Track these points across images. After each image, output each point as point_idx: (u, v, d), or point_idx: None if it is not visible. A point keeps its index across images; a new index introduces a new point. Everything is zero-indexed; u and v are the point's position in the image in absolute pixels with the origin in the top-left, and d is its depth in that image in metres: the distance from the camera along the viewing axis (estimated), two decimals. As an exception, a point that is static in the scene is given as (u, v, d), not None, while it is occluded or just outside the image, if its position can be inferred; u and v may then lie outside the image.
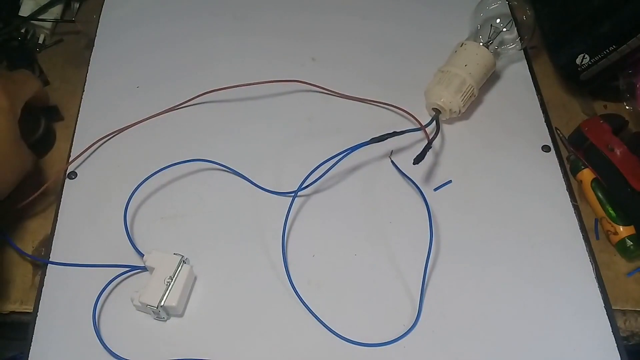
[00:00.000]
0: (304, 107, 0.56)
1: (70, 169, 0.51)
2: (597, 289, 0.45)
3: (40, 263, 0.46)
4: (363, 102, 0.56)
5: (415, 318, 0.44)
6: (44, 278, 0.45)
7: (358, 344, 0.42)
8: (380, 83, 0.58)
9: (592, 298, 0.45)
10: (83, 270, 0.45)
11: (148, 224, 0.48)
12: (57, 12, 0.62)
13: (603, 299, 0.45)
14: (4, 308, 0.45)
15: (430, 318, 0.44)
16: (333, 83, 0.57)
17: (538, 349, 0.43)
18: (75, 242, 0.47)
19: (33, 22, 0.60)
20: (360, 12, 0.65)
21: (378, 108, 0.56)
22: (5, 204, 0.48)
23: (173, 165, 0.49)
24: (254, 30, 0.63)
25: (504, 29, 0.57)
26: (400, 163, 0.51)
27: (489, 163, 0.53)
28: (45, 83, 0.58)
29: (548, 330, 0.44)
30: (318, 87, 0.57)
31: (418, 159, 0.47)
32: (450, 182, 0.51)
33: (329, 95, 0.57)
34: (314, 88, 0.57)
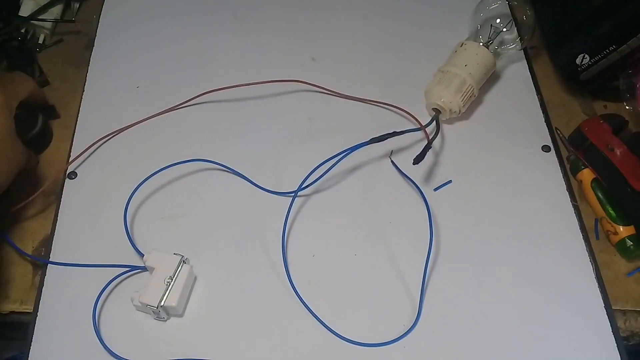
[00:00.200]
0: (304, 107, 0.56)
1: (70, 169, 0.51)
2: (597, 289, 0.45)
3: (40, 263, 0.46)
4: (363, 102, 0.56)
5: (415, 318, 0.44)
6: (44, 278, 0.45)
7: (358, 344, 0.42)
8: (380, 83, 0.58)
9: (592, 298, 0.45)
10: (83, 270, 0.45)
11: (148, 224, 0.48)
12: (57, 12, 0.62)
13: (603, 299, 0.45)
14: (4, 308, 0.45)
15: (430, 318, 0.44)
16: (333, 83, 0.57)
17: (538, 349, 0.43)
18: (75, 242, 0.47)
19: (33, 22, 0.60)
20: (360, 12, 0.65)
21: (378, 108, 0.56)
22: (5, 204, 0.48)
23: (173, 165, 0.49)
24: (254, 30, 0.63)
25: (504, 29, 0.57)
26: (400, 163, 0.51)
27: (489, 163, 0.53)
28: (45, 83, 0.58)
29: (548, 330, 0.44)
30: (318, 87, 0.57)
31: (418, 159, 0.47)
32: (450, 182, 0.51)
33: (329, 95, 0.57)
34: (314, 88, 0.57)
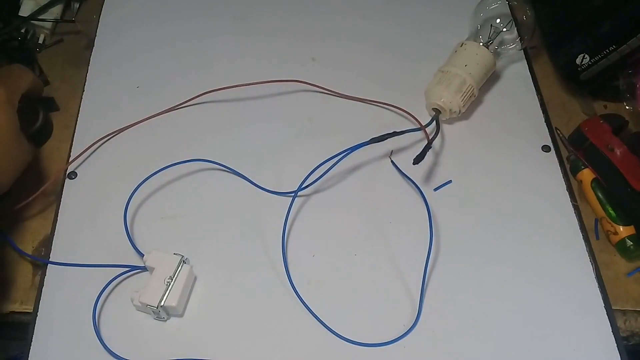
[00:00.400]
0: (304, 107, 0.56)
1: (70, 169, 0.51)
2: (597, 289, 0.45)
3: (40, 263, 0.46)
4: (363, 102, 0.56)
5: (415, 318, 0.44)
6: (44, 278, 0.45)
7: (358, 344, 0.42)
8: (380, 83, 0.58)
9: (592, 298, 0.45)
10: (83, 270, 0.45)
11: (148, 224, 0.48)
12: (57, 12, 0.62)
13: (603, 299, 0.45)
14: (4, 308, 0.45)
15: (430, 318, 0.44)
16: (333, 83, 0.57)
17: (538, 349, 0.43)
18: (75, 242, 0.47)
19: (33, 22, 0.60)
20: (360, 12, 0.65)
21: (378, 108, 0.56)
22: (5, 204, 0.48)
23: (173, 165, 0.49)
24: (254, 30, 0.63)
25: (504, 29, 0.57)
26: (400, 163, 0.51)
27: (489, 163, 0.53)
28: (45, 83, 0.58)
29: (548, 330, 0.44)
30: (318, 87, 0.57)
31: (418, 159, 0.47)
32: (450, 182, 0.51)
33: (329, 95, 0.57)
34: (314, 88, 0.57)
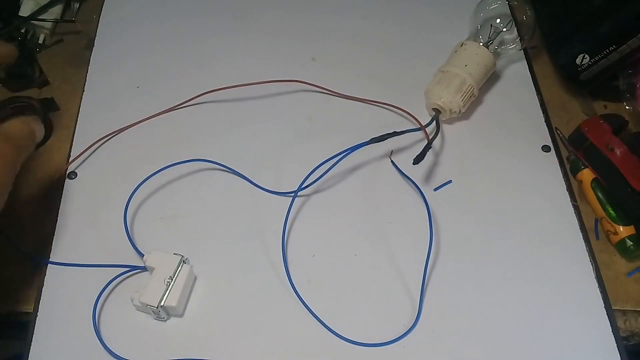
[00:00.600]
0: (304, 107, 0.56)
1: (70, 169, 0.51)
2: (597, 289, 0.45)
3: (41, 263, 0.46)
4: (363, 102, 0.56)
5: (415, 318, 0.44)
6: (44, 278, 0.45)
7: (358, 344, 0.42)
8: (380, 83, 0.58)
9: (592, 298, 0.45)
10: (83, 270, 0.45)
11: (148, 224, 0.48)
12: (57, 12, 0.62)
13: (603, 299, 0.45)
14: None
15: (430, 318, 0.44)
16: (333, 83, 0.57)
17: (538, 349, 0.43)
18: (75, 242, 0.47)
19: (33, 22, 0.60)
20: (360, 12, 0.65)
21: (378, 108, 0.56)
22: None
23: (173, 165, 0.49)
24: (254, 30, 0.63)
25: (504, 29, 0.57)
26: (400, 163, 0.51)
27: (489, 163, 0.53)
28: (45, 83, 0.58)
29: (548, 330, 0.44)
30: (318, 87, 0.57)
31: (418, 159, 0.47)
32: (450, 182, 0.51)
33: (329, 95, 0.57)
34: (314, 88, 0.57)
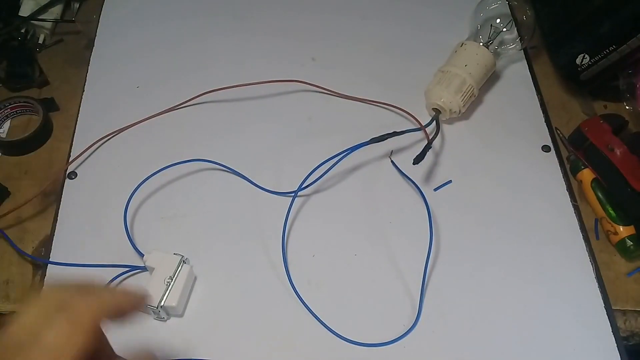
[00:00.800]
0: (304, 107, 0.56)
1: (70, 169, 0.51)
2: (597, 289, 0.45)
3: (40, 263, 0.46)
4: (363, 102, 0.56)
5: (415, 318, 0.43)
6: (44, 278, 0.45)
7: (358, 344, 0.42)
8: (380, 83, 0.58)
9: (592, 298, 0.45)
10: (83, 270, 0.45)
11: (148, 224, 0.48)
12: (57, 12, 0.62)
13: (603, 299, 0.45)
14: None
15: (430, 318, 0.44)
16: (333, 83, 0.57)
17: (538, 349, 0.43)
18: (75, 242, 0.47)
19: (33, 22, 0.60)
20: (360, 12, 0.65)
21: (378, 108, 0.56)
22: (5, 204, 0.48)
23: (173, 165, 0.49)
24: (254, 30, 0.63)
25: (504, 29, 0.57)
26: (400, 163, 0.51)
27: (489, 163, 0.53)
28: (45, 83, 0.58)
29: (548, 330, 0.44)
30: (318, 87, 0.57)
31: (418, 159, 0.47)
32: (450, 182, 0.51)
33: (329, 95, 0.57)
34: (314, 88, 0.57)
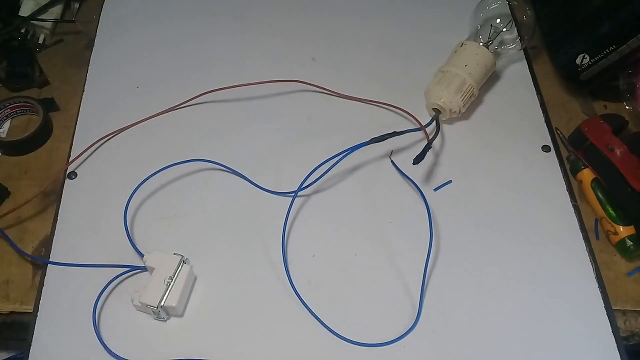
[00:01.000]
0: (304, 107, 0.56)
1: (70, 169, 0.51)
2: (597, 289, 0.45)
3: (40, 263, 0.46)
4: (363, 102, 0.56)
5: (415, 318, 0.43)
6: (44, 278, 0.45)
7: (358, 344, 0.42)
8: (380, 83, 0.58)
9: (592, 298, 0.45)
10: (83, 270, 0.45)
11: (148, 224, 0.48)
12: (57, 12, 0.62)
13: (603, 299, 0.45)
14: (4, 308, 0.45)
15: (430, 318, 0.44)
16: (333, 83, 0.57)
17: (538, 349, 0.43)
18: (75, 242, 0.47)
19: (33, 22, 0.60)
20: (360, 12, 0.65)
21: (378, 108, 0.56)
22: (5, 204, 0.48)
23: (173, 165, 0.49)
24: (254, 30, 0.63)
25: (504, 29, 0.57)
26: (400, 163, 0.51)
27: (489, 163, 0.53)
28: (45, 83, 0.58)
29: (548, 330, 0.44)
30: (318, 87, 0.57)
31: (418, 159, 0.47)
32: (450, 182, 0.51)
33: (329, 95, 0.57)
34: (314, 88, 0.57)
